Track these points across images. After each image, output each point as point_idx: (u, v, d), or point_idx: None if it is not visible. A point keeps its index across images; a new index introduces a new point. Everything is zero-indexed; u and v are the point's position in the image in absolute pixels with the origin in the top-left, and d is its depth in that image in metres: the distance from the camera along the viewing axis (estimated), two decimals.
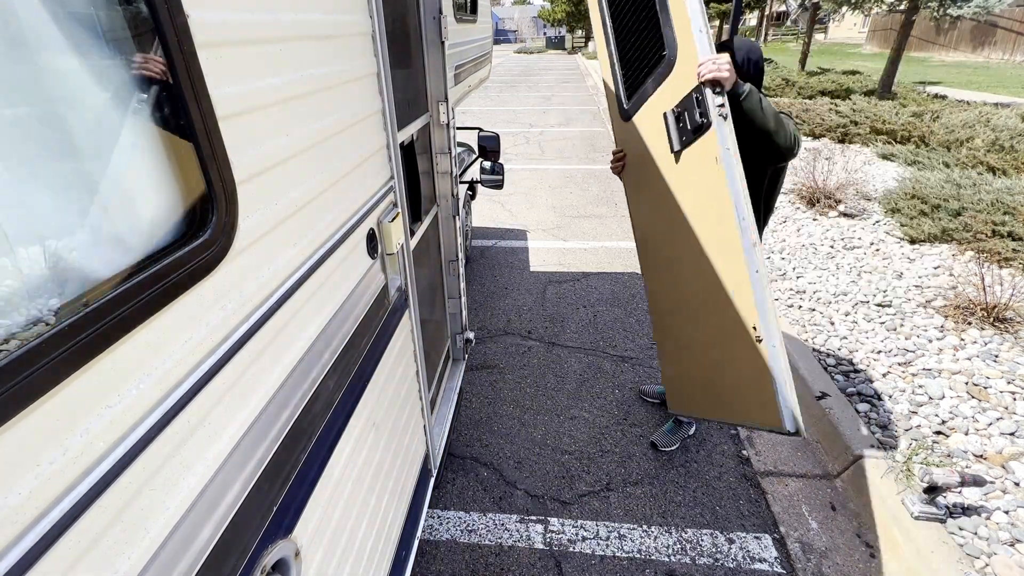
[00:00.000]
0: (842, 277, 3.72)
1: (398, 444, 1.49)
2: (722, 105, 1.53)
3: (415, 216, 2.07)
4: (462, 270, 2.53)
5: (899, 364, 2.82)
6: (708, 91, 1.55)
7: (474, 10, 2.72)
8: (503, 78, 19.70)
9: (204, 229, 0.65)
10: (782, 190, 5.49)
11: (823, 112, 7.97)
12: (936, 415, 2.45)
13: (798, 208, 4.95)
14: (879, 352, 2.93)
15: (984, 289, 3.06)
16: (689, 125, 1.64)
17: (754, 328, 1.54)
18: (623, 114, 2.20)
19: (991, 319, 3.02)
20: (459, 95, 2.36)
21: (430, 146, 2.18)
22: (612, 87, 2.25)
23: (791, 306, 3.46)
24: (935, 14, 9.73)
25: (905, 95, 9.90)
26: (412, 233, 1.92)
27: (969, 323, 3.05)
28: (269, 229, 0.81)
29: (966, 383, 2.63)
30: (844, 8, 11.11)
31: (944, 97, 10.14)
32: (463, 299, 2.57)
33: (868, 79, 11.66)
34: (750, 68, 1.78)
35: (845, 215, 4.67)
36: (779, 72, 13.40)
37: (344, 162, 1.08)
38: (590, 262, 4.47)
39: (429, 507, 2.02)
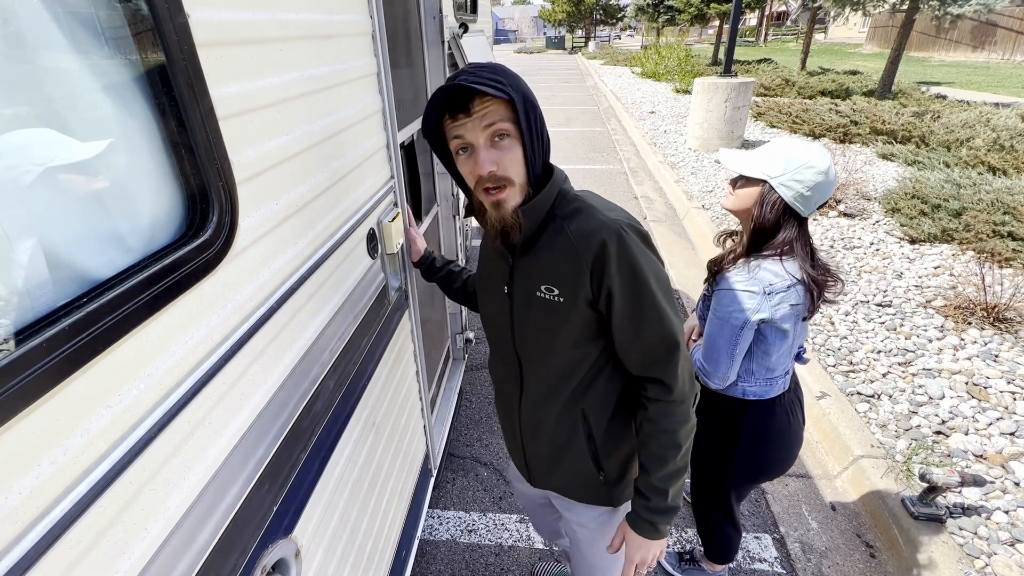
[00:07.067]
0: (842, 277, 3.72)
1: (398, 444, 1.49)
2: None
3: (416, 216, 2.06)
4: None
5: (899, 364, 2.82)
6: None
7: (474, 9, 2.72)
8: None
9: (204, 229, 0.65)
10: None
11: (823, 112, 7.96)
12: (936, 415, 2.45)
13: None
14: (879, 352, 2.93)
15: (984, 289, 3.06)
16: None
17: None
18: None
19: (991, 319, 3.02)
20: None
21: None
22: None
23: None
24: (936, 13, 9.71)
25: (908, 94, 9.89)
26: None
27: (969, 323, 3.05)
28: (269, 229, 0.81)
29: (966, 383, 2.62)
30: (847, 9, 11.08)
31: (944, 97, 10.14)
32: None
33: (868, 79, 11.65)
34: (534, 120, 0.88)
35: (845, 215, 4.67)
36: (779, 72, 13.40)
37: (344, 162, 1.08)
38: None
39: (429, 507, 2.02)
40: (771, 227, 1.27)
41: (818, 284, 1.28)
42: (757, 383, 1.38)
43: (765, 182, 1.25)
